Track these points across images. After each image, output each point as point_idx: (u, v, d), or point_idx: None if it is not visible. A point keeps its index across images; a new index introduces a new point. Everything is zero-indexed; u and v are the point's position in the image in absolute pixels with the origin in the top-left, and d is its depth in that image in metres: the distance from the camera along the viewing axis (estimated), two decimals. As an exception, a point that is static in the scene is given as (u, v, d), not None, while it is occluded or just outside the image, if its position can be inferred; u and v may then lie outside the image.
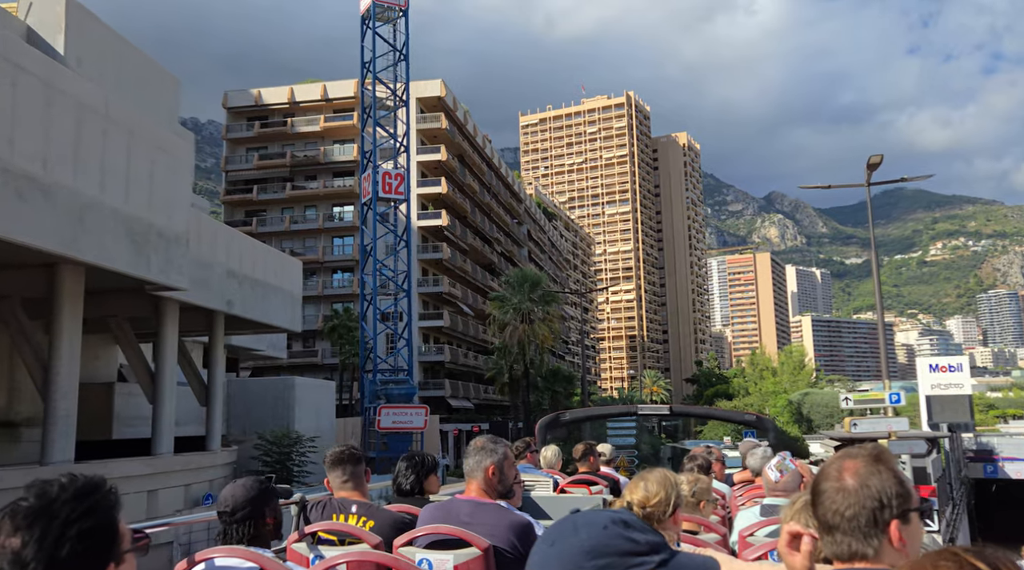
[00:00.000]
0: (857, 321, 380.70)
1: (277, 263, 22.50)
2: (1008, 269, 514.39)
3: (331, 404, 28.97)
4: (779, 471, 4.09)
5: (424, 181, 61.32)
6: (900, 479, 1.62)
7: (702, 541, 3.35)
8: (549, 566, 1.19)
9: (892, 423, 17.34)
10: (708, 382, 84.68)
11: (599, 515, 1.26)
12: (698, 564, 1.33)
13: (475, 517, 3.15)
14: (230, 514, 2.80)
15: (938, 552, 1.04)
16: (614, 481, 6.78)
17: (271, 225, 61.21)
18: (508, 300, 43.34)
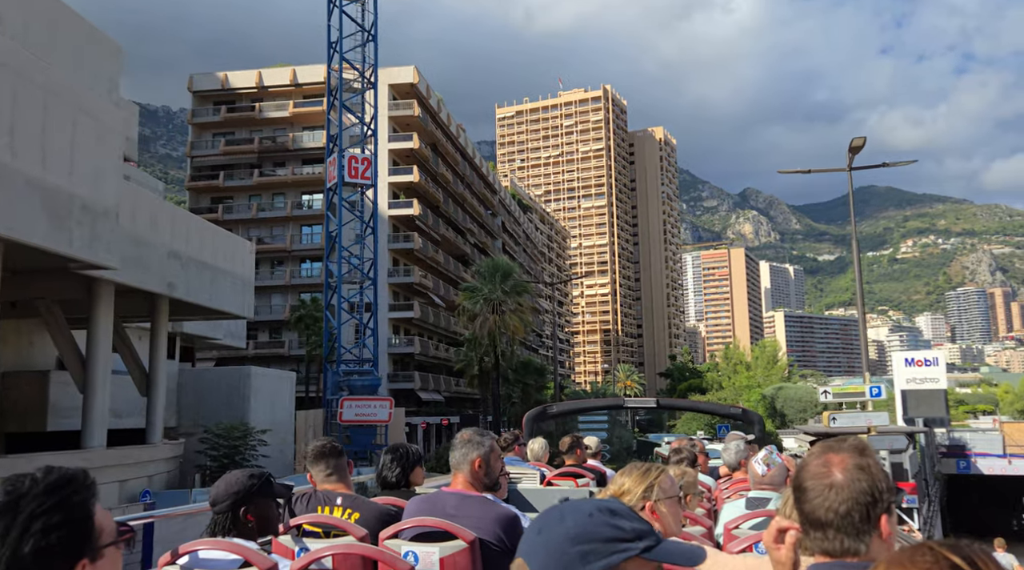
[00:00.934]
0: (829, 317, 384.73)
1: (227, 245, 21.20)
2: (976, 267, 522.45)
3: (290, 396, 27.81)
4: (766, 465, 4.08)
5: (396, 169, 60.02)
6: (885, 473, 1.62)
7: (688, 534, 3.30)
8: (535, 553, 1.20)
9: (872, 418, 16.61)
10: (682, 376, 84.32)
11: (586, 503, 1.26)
12: (684, 551, 1.30)
13: (461, 510, 3.15)
14: (213, 505, 2.83)
15: (914, 547, 1.04)
16: (600, 474, 6.76)
17: (238, 213, 59.59)
18: (479, 290, 42.27)
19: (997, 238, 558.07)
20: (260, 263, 59.52)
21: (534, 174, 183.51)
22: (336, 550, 3.01)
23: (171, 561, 2.71)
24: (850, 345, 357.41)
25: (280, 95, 60.36)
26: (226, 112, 59.68)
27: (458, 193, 70.48)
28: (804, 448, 28.65)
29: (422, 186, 60.92)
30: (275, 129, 60.19)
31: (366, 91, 34.83)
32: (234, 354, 57.41)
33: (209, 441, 22.01)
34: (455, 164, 70.51)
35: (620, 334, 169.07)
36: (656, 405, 32.74)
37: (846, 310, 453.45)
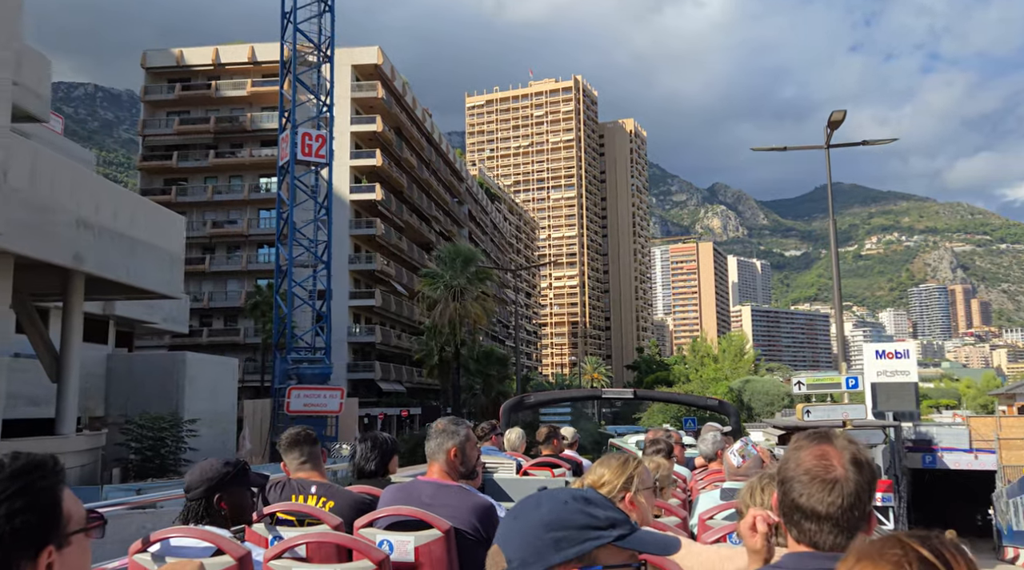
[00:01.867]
0: (795, 312, 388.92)
1: (151, 216, 19.36)
2: (938, 264, 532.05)
3: (232, 384, 26.15)
4: (741, 456, 4.10)
5: (358, 153, 58.17)
6: (874, 468, 1.64)
7: (663, 524, 3.30)
8: (511, 539, 1.23)
9: (848, 410, 15.47)
10: (649, 369, 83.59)
11: (563, 491, 1.29)
12: (658, 541, 1.31)
13: (437, 499, 3.14)
14: (187, 492, 2.81)
15: (883, 539, 1.05)
16: (577, 464, 6.76)
17: (192, 195, 57.34)
18: (439, 277, 40.73)
19: (959, 236, 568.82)
20: (216, 248, 57.42)
21: (503, 164, 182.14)
22: (310, 538, 3.00)
23: (142, 549, 2.70)
24: (815, 340, 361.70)
25: (238, 73, 58.11)
26: (181, 90, 57.30)
27: (423, 179, 68.76)
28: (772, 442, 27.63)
29: (385, 171, 59.14)
30: (232, 109, 57.93)
31: (322, 65, 33.09)
32: (188, 341, 55.38)
33: (131, 432, 20.26)
34: (420, 149, 68.77)
35: (588, 326, 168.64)
36: (633, 396, 31.87)
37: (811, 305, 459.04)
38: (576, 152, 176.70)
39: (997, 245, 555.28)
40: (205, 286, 56.85)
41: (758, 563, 1.87)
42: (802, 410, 15.52)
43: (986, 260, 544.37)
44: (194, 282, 57.27)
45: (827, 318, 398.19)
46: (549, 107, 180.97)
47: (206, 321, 56.53)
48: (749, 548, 1.87)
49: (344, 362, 55.37)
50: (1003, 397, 73.89)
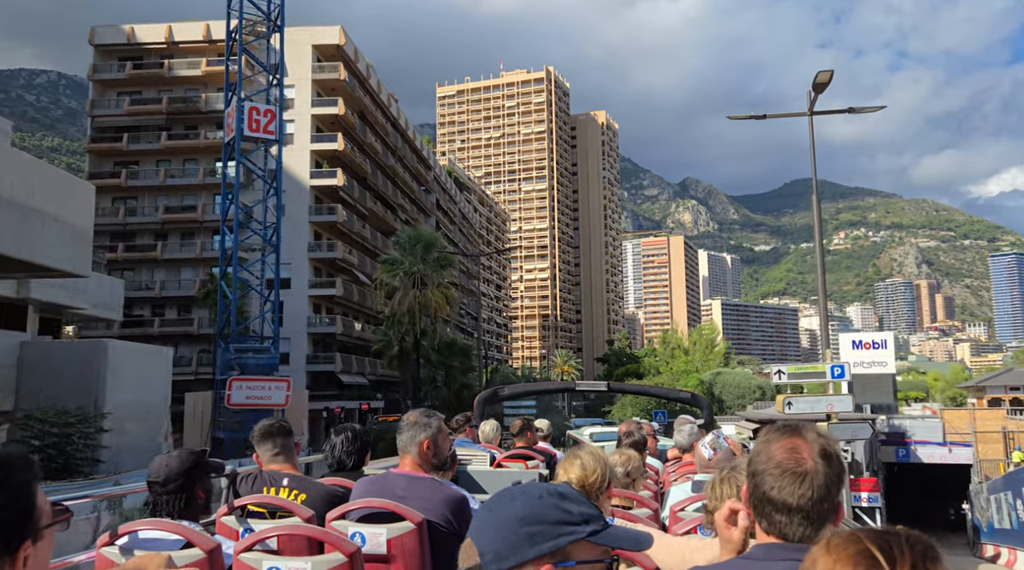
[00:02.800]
0: (764, 306, 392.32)
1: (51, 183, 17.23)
2: (904, 260, 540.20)
3: (165, 375, 24.13)
4: (712, 449, 4.12)
5: (319, 136, 55.94)
6: (843, 460, 1.67)
7: (635, 516, 3.28)
8: (485, 532, 1.24)
9: (833, 402, 14.01)
10: (619, 362, 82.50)
11: (537, 486, 1.30)
12: (631, 536, 1.34)
13: (410, 491, 3.14)
14: (161, 485, 2.75)
15: (842, 535, 1.07)
16: (550, 456, 6.79)
17: (144, 178, 54.75)
18: (399, 263, 38.81)
19: (924, 232, 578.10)
20: (169, 234, 54.92)
21: (474, 155, 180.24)
22: (281, 531, 2.97)
23: (110, 542, 2.65)
24: (784, 333, 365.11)
25: (192, 52, 55.53)
26: (132, 69, 54.59)
27: (388, 166, 66.66)
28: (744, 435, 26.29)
29: (348, 155, 57.00)
30: (187, 89, 55.34)
31: (271, 35, 31.03)
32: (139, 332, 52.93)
33: (31, 428, 18.15)
34: (385, 135, 66.63)
35: (559, 319, 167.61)
36: (607, 389, 31.03)
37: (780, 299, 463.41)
38: (548, 144, 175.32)
39: (961, 241, 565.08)
40: (158, 274, 54.40)
41: (729, 554, 1.87)
42: (783, 402, 14.02)
43: (950, 256, 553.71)
44: (146, 270, 54.83)
45: (795, 312, 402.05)
46: (521, 98, 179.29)
47: (159, 311, 54.08)
48: (725, 539, 1.88)
49: (303, 353, 53.32)
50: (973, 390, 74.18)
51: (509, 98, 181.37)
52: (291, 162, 55.01)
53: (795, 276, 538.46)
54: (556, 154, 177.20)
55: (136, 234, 54.57)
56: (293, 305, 53.48)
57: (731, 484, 2.45)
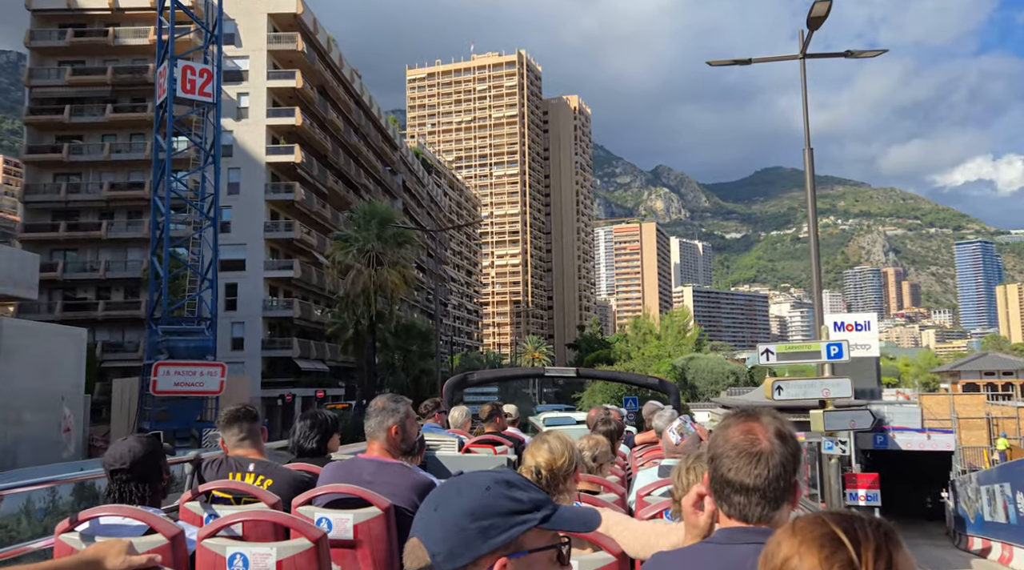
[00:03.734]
0: (735, 293, 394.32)
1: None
2: (872, 247, 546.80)
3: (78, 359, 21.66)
4: (679, 434, 4.15)
5: (276, 110, 53.12)
6: (798, 441, 1.71)
7: (602, 500, 3.33)
8: (432, 530, 1.18)
9: (830, 387, 12.08)
10: (590, 347, 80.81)
11: (482, 476, 1.25)
12: (580, 517, 1.32)
13: (377, 476, 3.15)
14: (128, 471, 2.71)
15: (807, 517, 1.08)
16: (519, 441, 6.76)
17: (88, 153, 51.59)
18: (352, 240, 36.34)
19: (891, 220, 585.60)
20: (115, 213, 51.91)
21: (445, 139, 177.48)
22: (246, 516, 2.96)
23: (69, 528, 2.63)
24: (754, 320, 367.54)
25: (140, 19, 52.26)
26: (73, 36, 51.25)
27: (351, 144, 63.94)
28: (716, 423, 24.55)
29: (306, 131, 54.25)
30: (134, 59, 52.10)
31: (211, -11, 28.42)
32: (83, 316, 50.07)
33: None
34: (347, 111, 63.86)
35: (530, 305, 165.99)
36: (576, 375, 32.64)
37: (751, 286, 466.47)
38: (519, 128, 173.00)
39: (927, 229, 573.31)
40: (103, 254, 51.38)
41: (695, 540, 1.89)
42: (772, 386, 12.03)
43: (916, 244, 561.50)
44: (90, 250, 51.81)
45: (765, 299, 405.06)
46: (492, 82, 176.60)
47: (104, 293, 51.14)
48: (691, 525, 1.89)
49: (259, 338, 50.75)
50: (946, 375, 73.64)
51: (480, 82, 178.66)
52: (246, 137, 52.25)
53: (765, 263, 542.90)
54: (528, 139, 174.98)
55: (79, 212, 51.47)
56: (248, 287, 50.90)
57: (697, 472, 2.40)
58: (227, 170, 51.69)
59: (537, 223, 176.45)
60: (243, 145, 51.97)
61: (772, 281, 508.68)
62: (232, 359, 50.45)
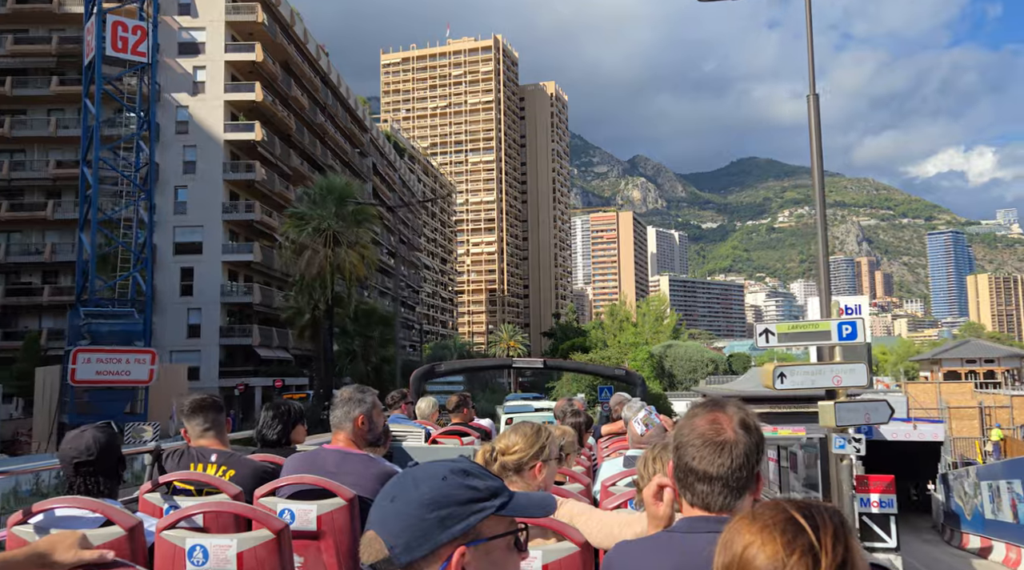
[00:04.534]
0: (711, 282, 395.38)
1: None
2: (846, 237, 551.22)
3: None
4: (645, 425, 4.20)
5: (235, 85, 50.39)
6: (761, 431, 1.75)
7: (566, 490, 3.22)
8: (390, 522, 1.18)
9: (841, 373, 10.08)
10: (565, 336, 78.93)
11: (438, 467, 1.25)
12: (535, 502, 1.33)
13: (342, 467, 3.14)
14: (93, 464, 2.65)
15: (766, 503, 1.11)
16: (486, 432, 6.76)
17: (32, 128, 48.59)
18: (307, 217, 33.89)
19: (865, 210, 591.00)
20: (62, 192, 48.98)
21: (420, 125, 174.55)
22: (207, 507, 2.93)
23: (23, 520, 2.57)
24: (730, 309, 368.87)
25: (88, -13, 49.24)
26: (15, 3, 48.12)
27: (317, 123, 61.27)
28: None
29: (268, 108, 51.56)
30: (80, 28, 48.99)
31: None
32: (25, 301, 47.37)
33: None
34: (313, 90, 61.16)
35: (506, 294, 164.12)
36: (543, 366, 31.83)
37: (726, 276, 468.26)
38: (495, 114, 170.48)
39: (899, 220, 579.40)
40: (49, 237, 48.54)
41: (657, 528, 1.90)
42: (772, 374, 10.00)
43: (889, 234, 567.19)
44: (35, 231, 48.91)
45: (741, 289, 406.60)
46: (468, 67, 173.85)
47: (50, 278, 48.32)
48: (652, 515, 1.92)
49: (217, 325, 48.24)
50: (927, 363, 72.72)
51: (456, 67, 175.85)
52: (203, 114, 49.55)
53: (741, 253, 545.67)
54: (504, 125, 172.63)
55: (23, 191, 48.52)
56: (205, 272, 48.35)
57: (661, 462, 2.39)
58: (183, 148, 49.08)
59: (513, 211, 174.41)
60: (200, 122, 49.24)
61: (747, 271, 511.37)
62: (188, 347, 47.92)
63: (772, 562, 1.01)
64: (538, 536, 2.46)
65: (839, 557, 1.00)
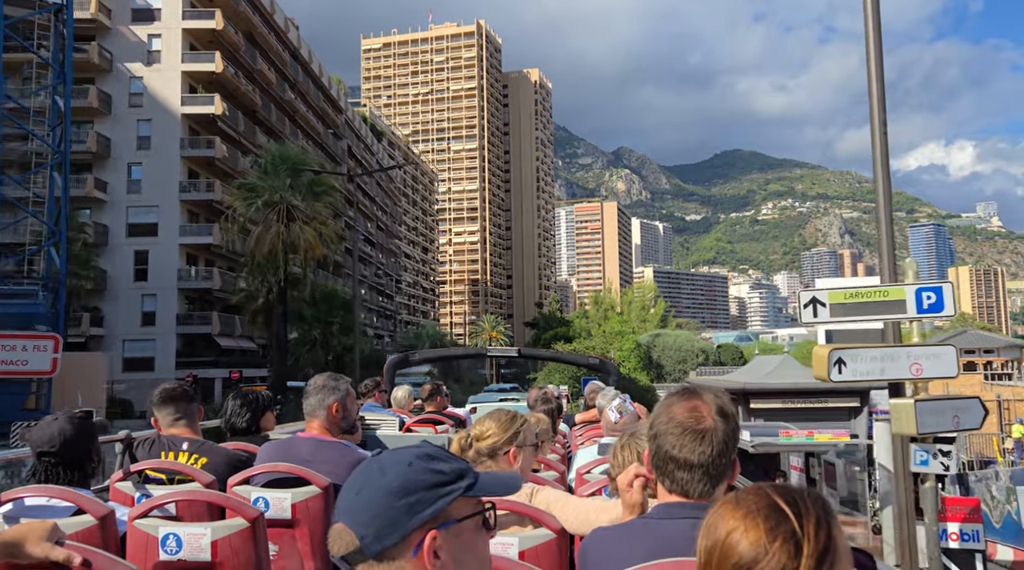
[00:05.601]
0: (695, 274, 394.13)
1: None
2: (828, 230, 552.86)
3: None
4: (619, 412, 4.21)
5: (193, 55, 46.92)
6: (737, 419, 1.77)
7: (542, 478, 3.19)
8: (358, 512, 1.18)
9: (923, 358, 7.14)
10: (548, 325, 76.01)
11: (403, 453, 1.25)
12: (500, 481, 1.34)
13: (317, 455, 3.13)
14: (59, 454, 2.62)
15: (749, 488, 1.11)
16: (460, 420, 6.74)
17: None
18: (258, 189, 30.51)
19: (847, 203, 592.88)
20: (4, 168, 45.26)
21: (401, 112, 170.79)
22: (179, 496, 2.89)
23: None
24: (714, 301, 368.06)
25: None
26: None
27: (285, 100, 57.85)
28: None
29: (230, 81, 48.13)
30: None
31: None
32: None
33: None
34: (282, 64, 57.71)
35: (489, 284, 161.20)
36: (518, 355, 32.18)
37: (710, 268, 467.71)
38: (478, 101, 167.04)
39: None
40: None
41: (631, 515, 1.94)
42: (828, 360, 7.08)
43: (871, 226, 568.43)
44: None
45: (725, 280, 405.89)
46: (451, 53, 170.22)
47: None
48: (627, 502, 1.95)
49: (173, 313, 44.92)
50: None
51: (438, 52, 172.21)
52: (158, 85, 46.07)
53: (724, 245, 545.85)
54: (487, 112, 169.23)
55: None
56: (161, 255, 45.00)
57: (631, 450, 2.41)
58: (137, 122, 45.66)
59: (496, 200, 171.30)
60: (155, 94, 45.77)
61: (731, 263, 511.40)
62: (142, 336, 44.57)
63: (754, 548, 1.01)
64: (515, 523, 2.43)
65: (821, 544, 1.00)
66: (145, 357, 44.14)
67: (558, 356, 32.11)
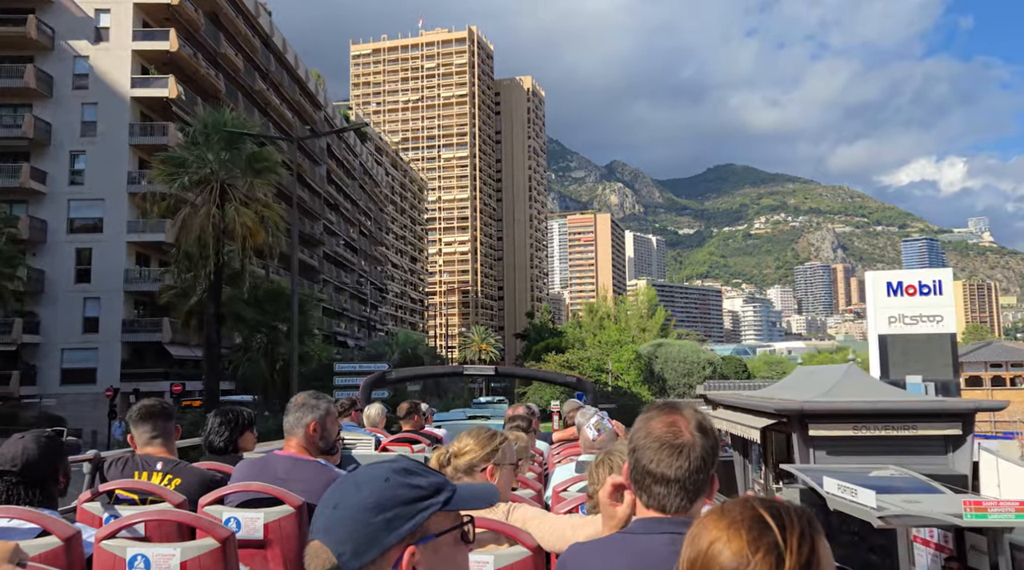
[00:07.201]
0: (689, 287, 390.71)
1: None
2: (821, 244, 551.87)
3: None
4: (597, 430, 4.18)
5: (146, 32, 42.37)
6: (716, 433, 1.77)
7: (518, 496, 3.16)
8: (335, 529, 1.16)
9: None
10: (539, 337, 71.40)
11: (379, 468, 1.24)
12: (478, 494, 1.34)
13: (292, 474, 3.07)
14: (19, 474, 2.55)
15: (734, 501, 1.11)
16: (437, 439, 6.77)
17: None
18: (185, 162, 25.52)
19: (839, 217, 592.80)
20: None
21: (391, 119, 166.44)
22: (147, 517, 2.85)
23: None
24: (708, 314, 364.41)
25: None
26: None
27: (255, 90, 53.33)
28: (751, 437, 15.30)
29: (188, 62, 43.54)
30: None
31: None
32: None
33: None
34: (251, 51, 53.23)
35: (479, 295, 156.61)
36: (495, 373, 31.35)
37: (703, 281, 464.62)
38: (470, 109, 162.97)
39: (873, 227, 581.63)
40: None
41: (612, 530, 1.91)
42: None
43: (864, 241, 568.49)
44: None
45: (719, 294, 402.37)
46: (441, 59, 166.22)
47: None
48: (609, 516, 1.93)
49: (119, 319, 40.13)
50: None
51: (429, 59, 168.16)
52: (106, 65, 41.49)
53: (717, 259, 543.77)
54: (479, 120, 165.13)
55: None
56: (106, 254, 40.29)
57: (607, 467, 2.43)
58: (81, 106, 41.06)
59: (488, 209, 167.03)
60: (101, 74, 41.18)
61: (724, 277, 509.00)
62: (83, 344, 39.72)
63: (736, 558, 1.00)
64: (491, 541, 2.41)
65: (804, 557, 0.99)
66: (86, 368, 39.33)
67: (534, 374, 31.41)
